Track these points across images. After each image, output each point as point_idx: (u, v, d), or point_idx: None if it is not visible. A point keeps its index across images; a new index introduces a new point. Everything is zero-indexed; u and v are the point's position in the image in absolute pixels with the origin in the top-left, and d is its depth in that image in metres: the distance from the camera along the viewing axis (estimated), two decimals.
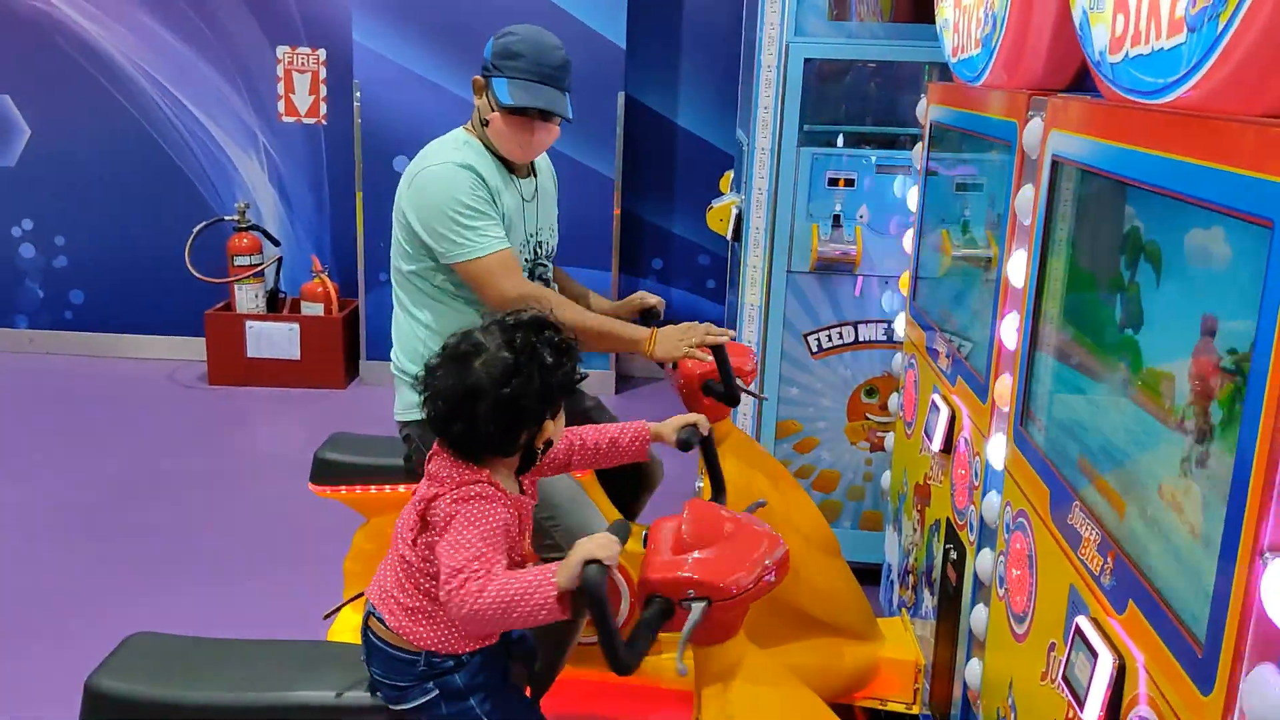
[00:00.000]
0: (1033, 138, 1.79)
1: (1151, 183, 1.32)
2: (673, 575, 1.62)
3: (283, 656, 1.97)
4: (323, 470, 2.63)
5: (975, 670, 1.99)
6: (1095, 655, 1.34)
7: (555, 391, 1.72)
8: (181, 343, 5.86)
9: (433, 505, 1.71)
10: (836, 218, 3.30)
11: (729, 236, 3.92)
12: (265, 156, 5.78)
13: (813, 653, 2.42)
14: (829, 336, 3.42)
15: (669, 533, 1.70)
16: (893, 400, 3.01)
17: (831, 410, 3.47)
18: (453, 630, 1.76)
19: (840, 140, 3.45)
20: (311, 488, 2.65)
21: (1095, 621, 1.40)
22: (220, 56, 5.65)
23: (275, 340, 5.49)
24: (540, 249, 2.62)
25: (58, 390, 5.47)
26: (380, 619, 1.80)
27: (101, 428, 4.94)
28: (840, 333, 3.42)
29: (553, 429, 1.77)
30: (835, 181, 3.30)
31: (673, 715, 2.44)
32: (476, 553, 1.64)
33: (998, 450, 1.92)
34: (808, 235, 3.32)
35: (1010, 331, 1.90)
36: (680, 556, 1.65)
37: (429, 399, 1.73)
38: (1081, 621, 1.42)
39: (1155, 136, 1.30)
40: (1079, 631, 1.41)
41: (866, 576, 2.86)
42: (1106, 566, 1.38)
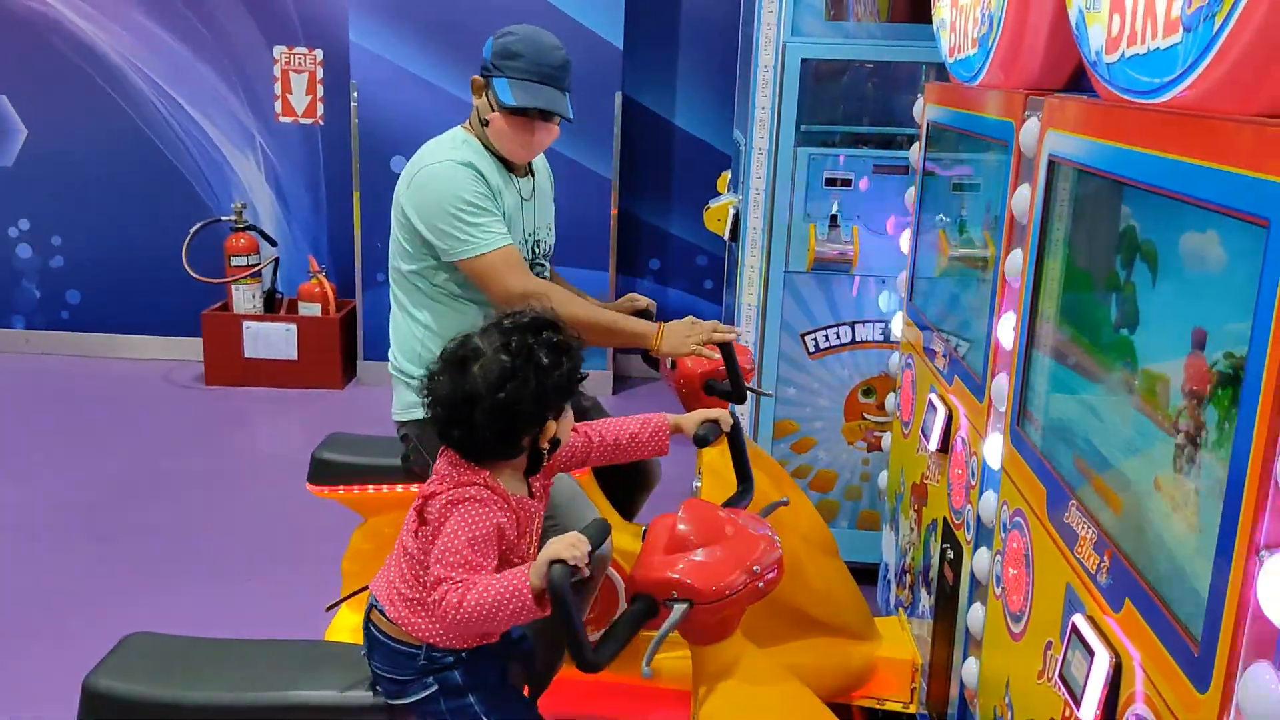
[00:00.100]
0: (1029, 138, 1.80)
1: (1148, 182, 1.32)
2: (657, 575, 1.63)
3: (281, 656, 1.97)
4: (320, 470, 2.63)
5: (972, 669, 1.99)
6: (1092, 653, 1.35)
7: (552, 394, 1.71)
8: (178, 343, 5.85)
9: (429, 503, 1.73)
10: (833, 218, 3.30)
11: (726, 237, 3.92)
12: (262, 156, 5.77)
13: (810, 652, 2.42)
14: (826, 336, 3.43)
15: (663, 532, 1.70)
16: (890, 400, 3.01)
17: (829, 410, 3.47)
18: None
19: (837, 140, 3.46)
20: (309, 488, 2.65)
21: (1092, 620, 1.40)
22: (217, 56, 5.64)
23: (272, 340, 5.48)
24: (538, 248, 2.62)
25: (55, 390, 5.46)
26: (382, 611, 1.80)
27: (99, 428, 4.93)
28: (837, 333, 3.42)
29: (557, 428, 1.77)
30: (832, 181, 3.30)
31: (671, 715, 2.44)
32: (461, 560, 1.65)
33: (994, 450, 1.92)
34: (805, 235, 3.32)
35: (1007, 331, 1.90)
36: (670, 557, 1.65)
37: (430, 405, 1.74)
38: (1078, 620, 1.42)
39: (1151, 136, 1.30)
40: (1075, 630, 1.41)
41: (864, 576, 2.86)
42: (1103, 565, 1.38)
